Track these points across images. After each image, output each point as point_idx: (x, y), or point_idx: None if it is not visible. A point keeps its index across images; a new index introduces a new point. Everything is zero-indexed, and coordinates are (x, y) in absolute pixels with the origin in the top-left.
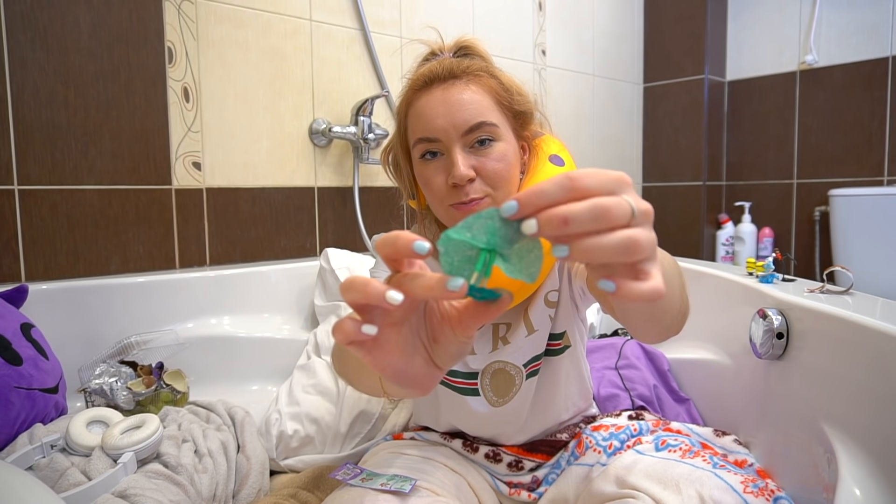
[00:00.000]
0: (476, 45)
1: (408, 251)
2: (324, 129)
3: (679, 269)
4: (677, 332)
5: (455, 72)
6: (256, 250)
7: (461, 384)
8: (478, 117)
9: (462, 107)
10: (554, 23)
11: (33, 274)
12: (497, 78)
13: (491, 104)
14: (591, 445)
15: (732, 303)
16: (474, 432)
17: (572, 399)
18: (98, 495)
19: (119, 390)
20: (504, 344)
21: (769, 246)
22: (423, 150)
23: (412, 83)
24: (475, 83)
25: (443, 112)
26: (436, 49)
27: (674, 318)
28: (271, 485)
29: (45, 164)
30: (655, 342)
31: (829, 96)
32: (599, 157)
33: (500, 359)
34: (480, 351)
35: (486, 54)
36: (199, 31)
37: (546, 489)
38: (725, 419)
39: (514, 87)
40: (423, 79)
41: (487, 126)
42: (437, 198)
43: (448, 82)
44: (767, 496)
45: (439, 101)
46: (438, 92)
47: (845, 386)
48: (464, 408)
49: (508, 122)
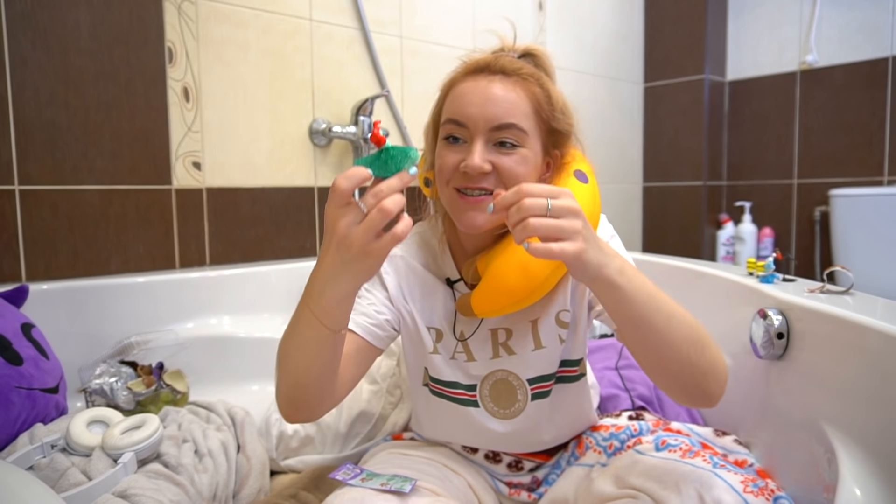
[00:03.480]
0: (544, 55)
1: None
2: (324, 129)
3: (692, 326)
4: (702, 394)
5: (506, 68)
6: (256, 250)
7: (461, 395)
8: (509, 118)
9: (498, 103)
10: (554, 23)
11: (34, 274)
12: (545, 89)
13: (528, 111)
14: (591, 446)
15: (733, 303)
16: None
17: (582, 421)
18: (98, 495)
19: (119, 390)
20: (507, 353)
21: (769, 246)
22: (449, 132)
23: (465, 65)
24: (521, 86)
25: (479, 101)
26: (506, 46)
27: (683, 370)
28: (271, 485)
29: (45, 164)
30: (679, 400)
31: (829, 96)
32: (600, 157)
33: (502, 367)
34: (480, 358)
35: (549, 67)
36: (199, 31)
37: (546, 489)
38: (726, 419)
39: (560, 103)
40: (475, 64)
41: (516, 129)
42: (444, 177)
43: (497, 76)
44: (767, 496)
45: (479, 90)
46: (483, 82)
47: (846, 386)
48: (466, 422)
49: (540, 134)
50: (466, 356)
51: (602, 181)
